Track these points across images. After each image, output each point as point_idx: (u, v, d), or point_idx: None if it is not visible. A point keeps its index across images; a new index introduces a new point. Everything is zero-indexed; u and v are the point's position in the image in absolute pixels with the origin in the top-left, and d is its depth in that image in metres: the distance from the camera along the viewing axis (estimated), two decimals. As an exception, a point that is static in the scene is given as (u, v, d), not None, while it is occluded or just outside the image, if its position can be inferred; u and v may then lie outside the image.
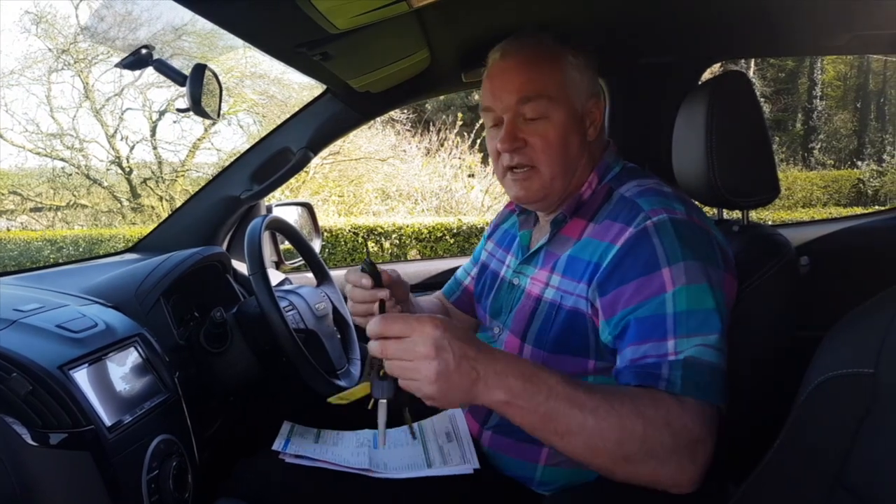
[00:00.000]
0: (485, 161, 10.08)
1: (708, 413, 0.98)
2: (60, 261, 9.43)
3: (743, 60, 11.34)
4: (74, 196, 11.92)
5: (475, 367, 0.88)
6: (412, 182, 10.43)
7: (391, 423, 1.38)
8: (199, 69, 1.48)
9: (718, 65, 2.36)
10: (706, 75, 2.03)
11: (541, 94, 1.17)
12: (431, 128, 11.11)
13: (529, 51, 1.19)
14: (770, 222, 8.00)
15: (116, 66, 1.51)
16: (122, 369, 1.20)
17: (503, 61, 1.21)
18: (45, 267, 1.75)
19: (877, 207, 11.70)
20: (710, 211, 1.57)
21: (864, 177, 14.22)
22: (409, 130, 11.78)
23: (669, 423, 0.94)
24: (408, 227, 8.06)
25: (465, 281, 1.58)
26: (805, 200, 13.44)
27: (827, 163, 15.53)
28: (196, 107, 1.47)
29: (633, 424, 0.92)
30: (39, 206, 12.08)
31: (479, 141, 10.08)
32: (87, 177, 11.90)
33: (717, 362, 1.00)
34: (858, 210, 11.39)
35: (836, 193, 13.90)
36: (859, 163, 14.98)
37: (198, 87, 1.47)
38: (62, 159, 11.83)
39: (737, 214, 1.42)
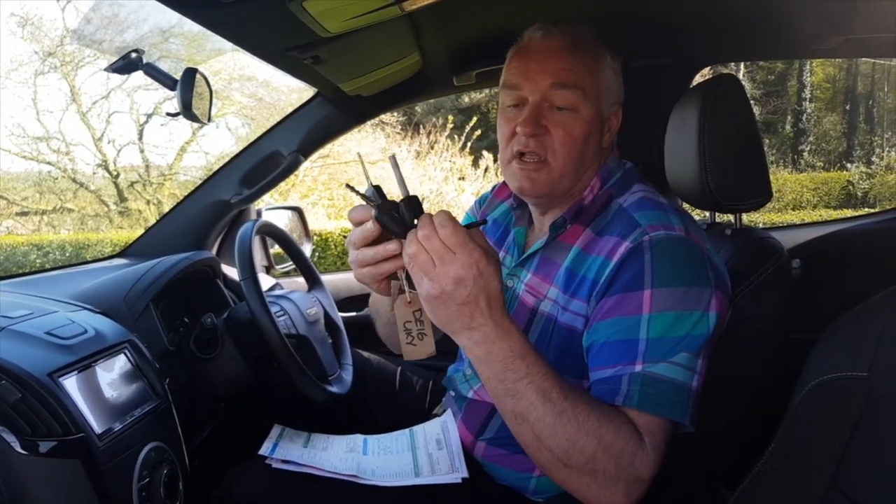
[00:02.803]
0: (476, 164, 10.07)
1: (661, 433, 0.99)
2: (47, 265, 9.36)
3: (733, 63, 11.42)
4: (61, 200, 11.82)
5: (474, 317, 0.90)
6: (402, 185, 10.39)
7: (383, 430, 1.38)
8: (190, 73, 1.47)
9: (709, 67, 2.36)
10: (698, 78, 2.04)
11: (577, 84, 1.12)
12: (421, 130, 11.10)
13: (574, 37, 1.15)
14: (761, 225, 8.05)
15: (106, 70, 1.49)
16: (112, 376, 1.18)
17: (545, 40, 1.15)
18: (32, 272, 1.73)
19: (866, 209, 11.80)
20: (702, 214, 1.58)
21: (853, 179, 14.32)
22: (399, 133, 11.77)
23: (621, 455, 0.95)
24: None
25: None
26: (795, 203, 13.52)
27: (816, 165, 15.62)
28: (186, 111, 1.46)
29: (586, 441, 0.93)
30: (25, 210, 11.97)
31: (469, 143, 10.07)
32: (74, 180, 11.81)
33: (682, 380, 1.00)
34: (848, 212, 11.46)
35: (826, 195, 13.98)
36: (848, 165, 15.08)
37: (188, 91, 1.46)
38: (48, 163, 11.74)
39: (729, 217, 1.42)
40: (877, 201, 13.58)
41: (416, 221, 0.92)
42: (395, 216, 0.92)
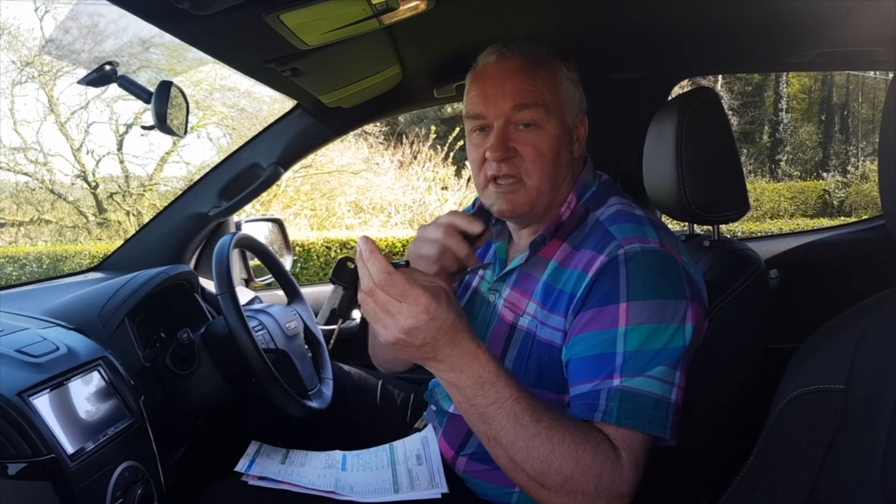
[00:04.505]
0: (458, 174, 10.09)
1: (640, 447, 0.98)
2: (24, 278, 9.22)
3: (711, 75, 11.56)
4: (38, 211, 11.67)
5: (437, 352, 0.92)
6: (385, 195, 10.41)
7: (364, 445, 1.37)
8: (165, 86, 1.46)
9: (687, 80, 2.39)
10: (676, 90, 2.05)
11: (537, 102, 1.12)
12: (404, 140, 11.11)
13: (528, 56, 1.14)
14: (739, 234, 8.13)
15: (79, 82, 1.47)
16: (85, 394, 1.16)
17: (499, 64, 1.15)
18: (6, 287, 1.70)
19: (842, 218, 11.95)
20: (680, 226, 1.59)
21: (829, 188, 14.54)
22: (381, 143, 11.77)
23: (600, 475, 0.94)
24: (381, 240, 8.03)
25: None
26: (773, 211, 13.68)
27: (793, 174, 15.83)
28: (161, 124, 1.44)
29: (562, 463, 0.93)
30: (2, 221, 11.80)
31: (452, 153, 10.09)
32: (52, 191, 11.67)
33: (660, 394, 1.00)
34: (825, 221, 11.62)
35: (803, 204, 14.17)
36: (825, 174, 15.30)
37: (163, 104, 1.44)
38: (26, 174, 11.59)
39: (707, 228, 1.43)
40: (853, 210, 13.79)
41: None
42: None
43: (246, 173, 1.95)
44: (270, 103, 11.33)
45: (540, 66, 1.15)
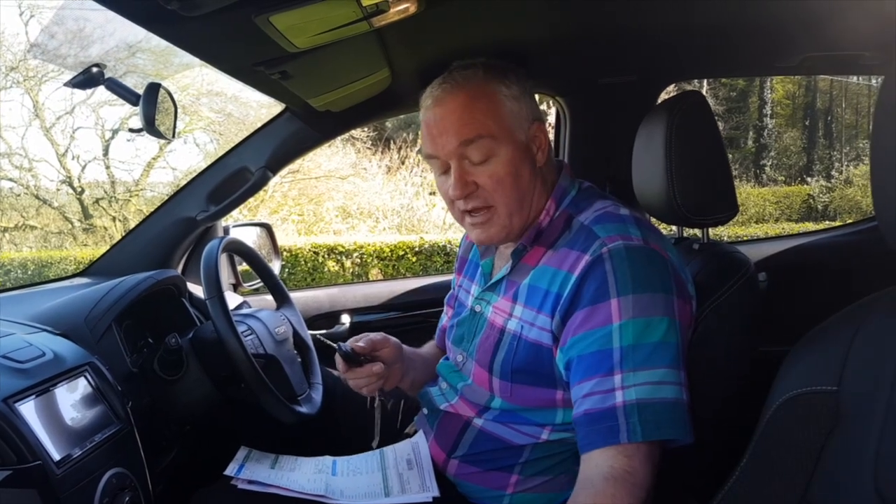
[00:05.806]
0: (446, 179, 10.10)
1: (658, 451, 1.01)
2: (8, 284, 9.13)
3: (696, 80, 11.66)
4: (23, 217, 11.56)
5: None
6: (373, 200, 10.41)
7: (353, 451, 1.36)
8: (153, 88, 1.45)
9: (674, 84, 2.40)
10: (663, 96, 2.07)
11: (481, 135, 1.13)
12: (392, 145, 11.12)
13: (461, 93, 1.15)
14: (726, 238, 8.19)
15: (66, 84, 1.46)
16: (72, 400, 1.15)
17: (437, 107, 1.17)
18: (-10, 292, 1.68)
19: (826, 222, 12.05)
20: (670, 229, 1.59)
21: (813, 192, 14.68)
22: (369, 148, 11.77)
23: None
24: (369, 245, 8.03)
25: (444, 322, 1.57)
26: (758, 216, 13.79)
27: (778, 179, 15.97)
28: (150, 127, 1.43)
29: None
30: (-14, 227, 11.69)
31: (439, 159, 10.11)
32: (37, 197, 11.56)
33: (673, 397, 1.01)
34: (810, 225, 11.72)
35: (788, 209, 14.29)
36: (809, 179, 15.45)
37: (151, 106, 1.43)
38: (10, 179, 11.48)
39: (696, 232, 1.44)
40: (836, 214, 13.91)
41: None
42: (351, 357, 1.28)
43: (234, 177, 1.93)
44: (258, 108, 11.29)
45: (476, 98, 1.15)
